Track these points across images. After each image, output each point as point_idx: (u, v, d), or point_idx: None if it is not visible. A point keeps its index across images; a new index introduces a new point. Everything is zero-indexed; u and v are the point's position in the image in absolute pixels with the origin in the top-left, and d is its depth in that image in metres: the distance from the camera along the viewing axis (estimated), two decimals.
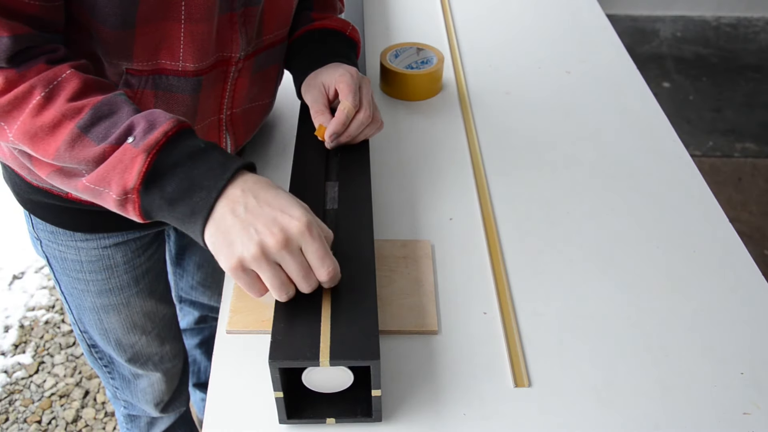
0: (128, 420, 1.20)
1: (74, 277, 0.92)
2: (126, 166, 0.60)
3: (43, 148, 0.61)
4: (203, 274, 1.20)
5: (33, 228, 0.90)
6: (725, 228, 0.89)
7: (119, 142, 0.60)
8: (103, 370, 1.08)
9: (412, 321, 0.75)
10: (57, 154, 0.61)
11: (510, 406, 0.68)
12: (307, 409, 0.66)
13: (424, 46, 1.14)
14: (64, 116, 0.61)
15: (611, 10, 3.20)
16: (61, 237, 0.88)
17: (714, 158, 2.48)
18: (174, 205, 0.60)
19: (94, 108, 0.61)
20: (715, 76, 2.91)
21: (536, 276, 0.82)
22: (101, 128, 0.61)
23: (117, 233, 0.89)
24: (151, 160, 0.59)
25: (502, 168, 0.98)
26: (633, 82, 1.17)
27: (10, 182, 0.87)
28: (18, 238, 2.12)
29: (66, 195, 0.81)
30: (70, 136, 0.60)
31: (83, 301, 0.95)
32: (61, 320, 1.88)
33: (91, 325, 0.99)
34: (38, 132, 0.61)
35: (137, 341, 1.02)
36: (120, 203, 0.61)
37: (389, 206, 0.91)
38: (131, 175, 0.59)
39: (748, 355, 0.73)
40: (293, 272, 0.61)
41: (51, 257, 0.92)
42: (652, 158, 1.00)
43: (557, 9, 1.38)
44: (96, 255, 0.90)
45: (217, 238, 0.60)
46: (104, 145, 0.60)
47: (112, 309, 0.96)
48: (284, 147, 0.99)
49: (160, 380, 1.12)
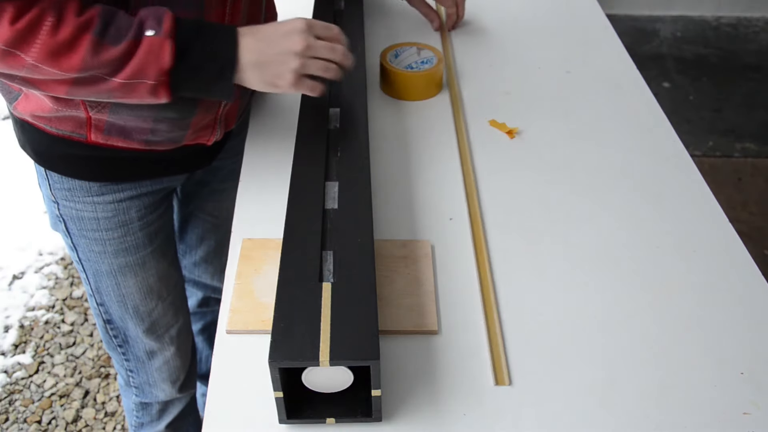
0: (139, 408, 1.21)
1: (91, 238, 0.96)
2: (157, 53, 0.71)
3: (67, 63, 0.69)
4: (206, 248, 1.23)
5: (51, 190, 0.94)
6: (725, 228, 0.89)
7: (138, 37, 0.71)
8: (117, 351, 1.11)
9: (412, 321, 0.75)
10: (83, 64, 0.70)
11: (510, 407, 0.68)
12: (307, 409, 0.66)
13: (424, 46, 1.14)
14: (80, 29, 0.69)
15: (611, 10, 3.20)
16: (78, 193, 0.92)
17: (714, 158, 2.47)
18: (201, 71, 0.74)
19: (100, 16, 0.70)
20: (715, 76, 2.91)
21: (536, 276, 0.82)
22: (113, 31, 0.70)
23: (131, 183, 0.94)
24: (174, 43, 0.72)
25: (503, 168, 0.98)
26: (633, 82, 1.17)
27: (29, 141, 0.91)
28: (18, 238, 2.12)
29: (86, 140, 0.86)
30: (91, 45, 0.69)
31: (100, 265, 0.99)
32: (61, 320, 1.88)
33: (108, 292, 1.02)
34: (60, 49, 0.68)
35: (154, 308, 1.06)
36: (153, 88, 0.73)
37: (389, 206, 0.91)
38: (165, 59, 0.71)
39: (748, 355, 0.73)
40: (325, 52, 0.79)
41: (68, 219, 0.95)
42: (652, 158, 1.00)
43: (557, 9, 1.38)
44: (112, 210, 0.95)
45: (263, 75, 0.77)
46: (124, 43, 0.70)
47: (129, 270, 1.00)
48: (284, 147, 0.99)
49: (174, 356, 1.14)
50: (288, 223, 0.74)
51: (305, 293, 0.65)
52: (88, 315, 1.89)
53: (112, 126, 0.85)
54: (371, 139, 1.02)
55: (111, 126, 0.85)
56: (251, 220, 0.88)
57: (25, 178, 2.30)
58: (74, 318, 1.88)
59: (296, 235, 0.72)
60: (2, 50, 0.68)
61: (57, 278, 1.99)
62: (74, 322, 1.87)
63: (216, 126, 0.93)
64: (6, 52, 0.68)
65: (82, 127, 0.84)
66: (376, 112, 1.08)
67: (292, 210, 0.76)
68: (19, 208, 2.22)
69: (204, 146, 0.95)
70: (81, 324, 1.86)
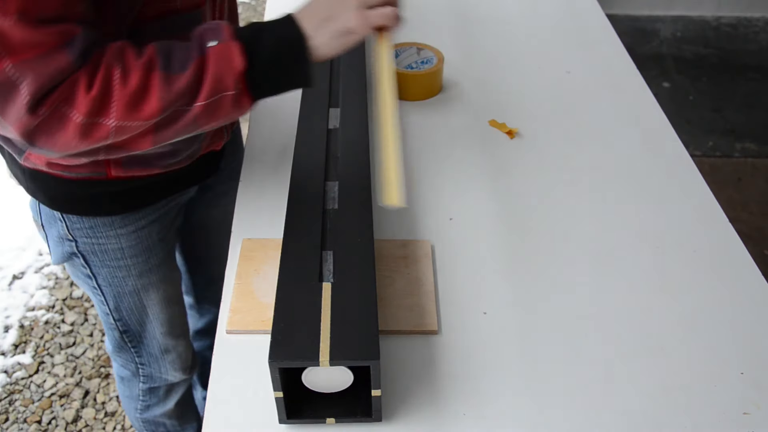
0: (146, 393, 1.22)
1: (115, 266, 0.96)
2: (228, 59, 0.67)
3: (147, 109, 0.66)
4: (217, 262, 1.21)
5: (68, 231, 0.92)
6: (725, 228, 0.89)
7: (202, 52, 0.67)
8: (131, 352, 1.12)
9: (412, 321, 0.75)
10: (161, 103, 0.66)
11: (510, 407, 0.68)
12: (307, 409, 0.66)
13: (424, 46, 1.14)
14: (147, 70, 0.66)
15: (611, 10, 3.20)
16: (101, 230, 0.92)
17: (714, 158, 2.47)
18: (277, 62, 0.70)
19: (158, 52, 0.67)
20: (715, 76, 2.91)
21: (536, 275, 0.82)
22: (176, 60, 0.67)
23: (151, 208, 0.94)
24: (241, 43, 0.68)
25: (502, 167, 0.98)
26: (633, 82, 1.17)
27: (41, 189, 0.89)
28: (18, 238, 2.12)
29: (105, 177, 0.85)
30: (162, 81, 0.66)
31: (124, 287, 0.99)
32: (61, 320, 1.88)
33: (129, 309, 1.03)
34: (136, 98, 0.65)
35: (173, 313, 1.08)
36: (235, 98, 0.69)
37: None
38: (238, 61, 0.67)
39: (748, 355, 0.73)
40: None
41: (89, 254, 0.95)
42: (652, 158, 1.00)
43: (557, 9, 1.38)
44: (135, 238, 0.94)
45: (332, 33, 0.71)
46: (192, 65, 0.67)
47: (152, 286, 1.01)
48: (284, 147, 0.99)
49: (187, 347, 1.17)
50: (288, 223, 0.74)
51: (305, 293, 0.65)
52: (88, 315, 1.89)
53: (130, 158, 0.84)
54: (371, 138, 1.02)
55: (129, 158, 0.84)
56: (251, 220, 0.88)
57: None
58: (74, 318, 1.88)
59: (296, 235, 0.72)
60: (85, 124, 0.64)
61: (57, 278, 1.99)
62: (74, 322, 1.87)
63: (224, 128, 0.94)
64: (89, 125, 0.65)
65: (100, 165, 0.84)
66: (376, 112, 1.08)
67: (292, 210, 0.76)
68: (19, 208, 2.22)
69: (214, 152, 0.96)
70: (81, 324, 1.86)
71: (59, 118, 0.64)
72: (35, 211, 0.94)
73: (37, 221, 0.95)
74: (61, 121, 0.64)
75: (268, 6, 1.38)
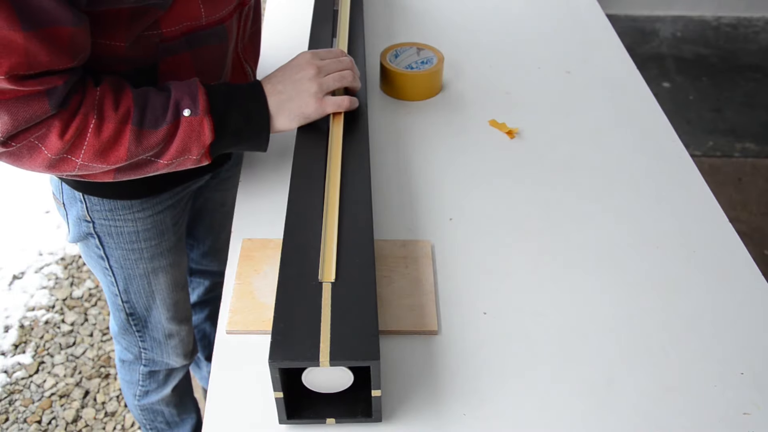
0: (146, 377, 1.25)
1: (128, 248, 1.00)
2: (198, 132, 0.75)
3: (114, 157, 0.73)
4: (215, 238, 1.26)
5: (87, 212, 0.95)
6: (725, 228, 0.89)
7: (176, 118, 0.74)
8: (135, 335, 1.14)
9: (411, 321, 0.75)
10: (129, 154, 0.73)
11: (510, 407, 0.68)
12: (307, 409, 0.66)
13: (424, 46, 1.14)
14: (121, 122, 0.72)
15: (611, 10, 3.20)
16: (119, 212, 0.95)
17: (714, 158, 2.47)
18: (240, 135, 0.79)
19: (134, 105, 0.73)
20: (715, 76, 2.91)
21: (536, 276, 0.82)
22: (150, 117, 0.73)
23: (168, 193, 0.98)
24: (212, 119, 0.76)
25: (502, 167, 0.98)
26: (633, 82, 1.17)
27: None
28: (18, 238, 2.12)
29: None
30: (133, 135, 0.72)
31: (134, 270, 1.03)
32: (61, 320, 1.88)
33: (137, 291, 1.06)
34: (106, 147, 0.72)
35: (179, 297, 1.12)
36: (197, 161, 0.78)
37: (389, 206, 0.91)
38: (206, 135, 0.76)
39: (748, 355, 0.73)
40: (334, 66, 0.85)
41: (105, 235, 0.98)
42: (652, 158, 1.00)
43: (557, 9, 1.38)
44: (151, 222, 0.98)
45: (290, 113, 0.81)
46: (164, 128, 0.74)
47: (161, 270, 1.05)
48: (284, 147, 0.99)
49: (188, 333, 1.20)
50: (288, 223, 0.74)
51: (305, 293, 0.65)
52: (88, 315, 1.89)
53: None
54: (371, 139, 1.02)
55: None
56: (251, 220, 0.88)
57: (25, 178, 2.30)
58: (74, 318, 1.88)
59: (296, 235, 0.72)
60: (54, 159, 0.71)
61: (57, 278, 1.99)
62: (74, 322, 1.87)
63: None
64: (58, 159, 0.71)
65: None
66: (376, 112, 1.08)
67: (292, 210, 0.76)
68: (19, 208, 2.22)
69: None
70: (81, 324, 1.86)
71: (30, 149, 0.70)
72: (58, 189, 0.97)
73: (58, 199, 0.98)
74: (31, 153, 0.70)
75: (268, 6, 1.38)
